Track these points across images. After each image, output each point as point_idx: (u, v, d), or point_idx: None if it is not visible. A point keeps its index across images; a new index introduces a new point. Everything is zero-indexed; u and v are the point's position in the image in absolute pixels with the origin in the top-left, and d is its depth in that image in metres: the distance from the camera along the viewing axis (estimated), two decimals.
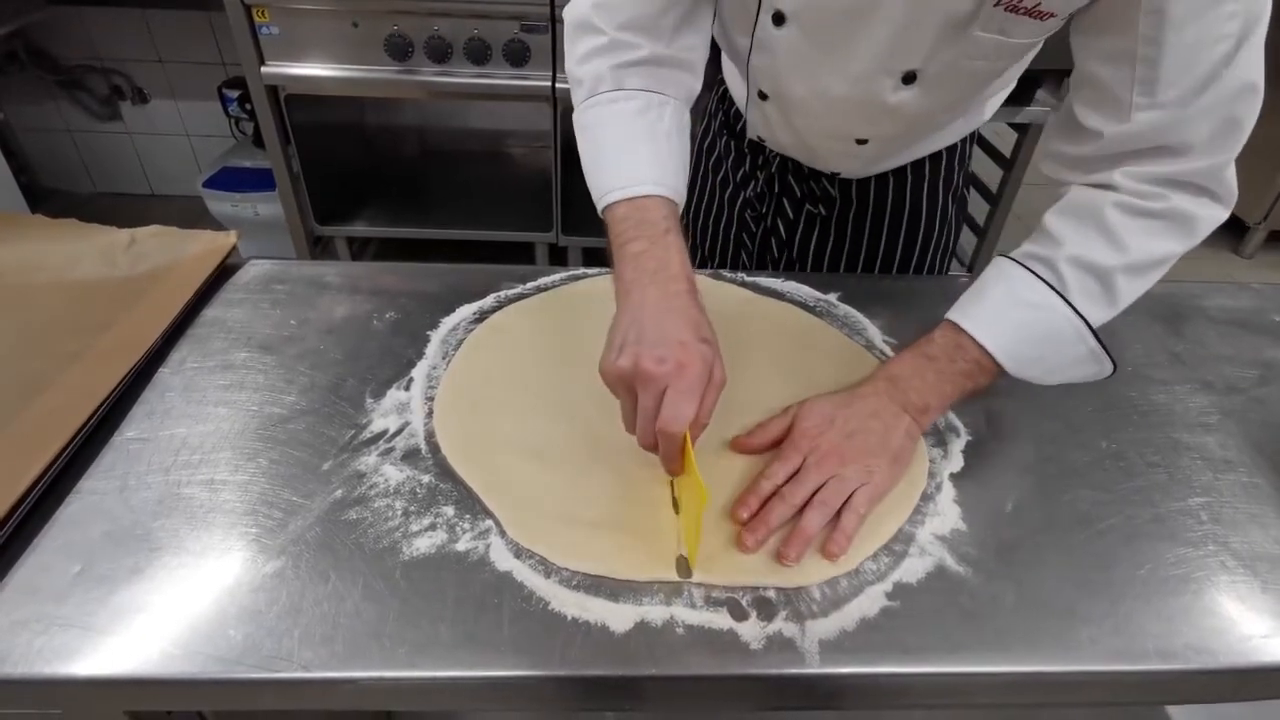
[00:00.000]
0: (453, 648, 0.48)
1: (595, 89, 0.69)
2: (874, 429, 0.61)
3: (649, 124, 0.69)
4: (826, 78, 0.72)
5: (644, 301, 0.59)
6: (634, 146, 0.68)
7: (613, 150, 0.68)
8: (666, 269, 0.60)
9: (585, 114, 0.70)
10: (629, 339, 0.56)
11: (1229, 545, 0.58)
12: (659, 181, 0.65)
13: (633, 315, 0.58)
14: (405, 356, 0.72)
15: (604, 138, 0.69)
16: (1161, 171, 0.61)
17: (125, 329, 0.70)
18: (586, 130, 0.70)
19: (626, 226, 0.63)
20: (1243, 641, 0.52)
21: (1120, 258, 0.61)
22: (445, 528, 0.56)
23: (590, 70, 0.69)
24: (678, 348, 0.55)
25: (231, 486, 0.58)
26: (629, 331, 0.57)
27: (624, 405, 0.58)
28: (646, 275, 0.60)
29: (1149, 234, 0.61)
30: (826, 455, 0.59)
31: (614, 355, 0.56)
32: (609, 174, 0.66)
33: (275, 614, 0.49)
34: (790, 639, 0.50)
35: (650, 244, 0.62)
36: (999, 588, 0.54)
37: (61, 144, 2.60)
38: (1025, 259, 0.64)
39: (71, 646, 0.47)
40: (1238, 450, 0.67)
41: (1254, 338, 0.82)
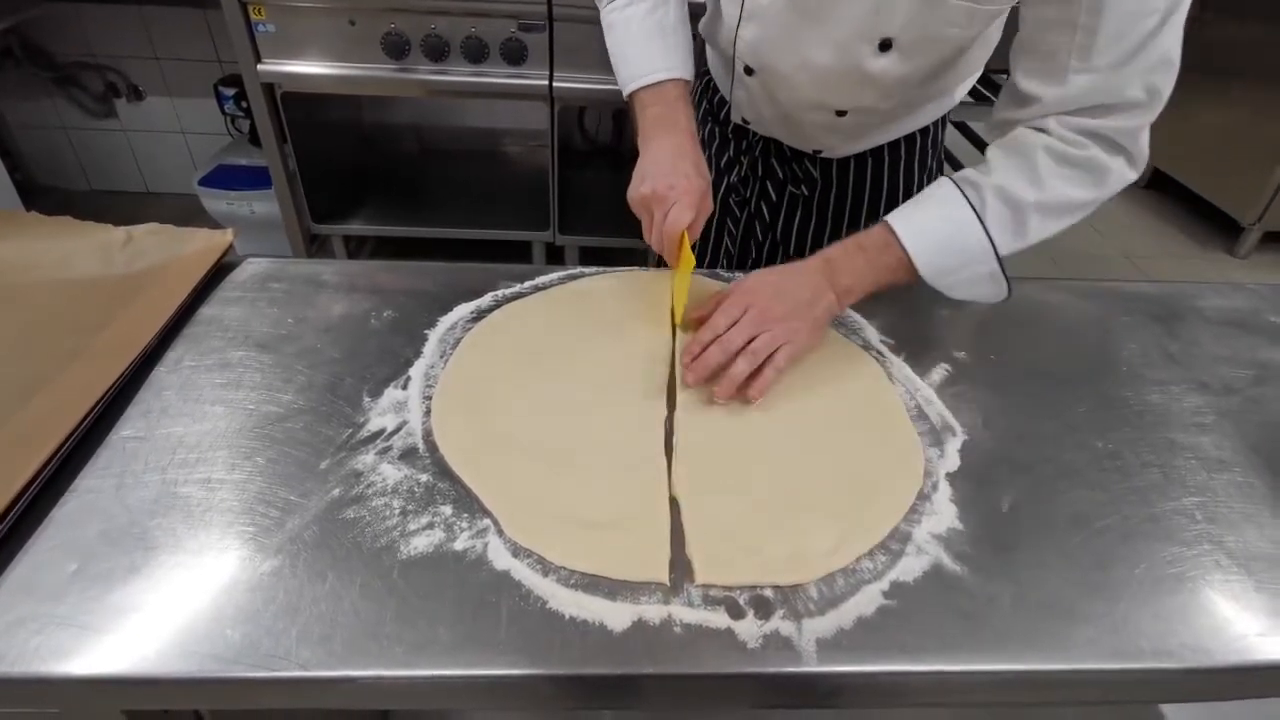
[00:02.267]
0: (450, 647, 0.48)
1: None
2: (803, 297, 0.71)
3: (658, 21, 0.83)
4: (810, 48, 0.79)
5: (660, 146, 0.79)
6: (649, 42, 0.83)
7: (633, 47, 0.84)
8: (675, 124, 0.80)
9: (608, 17, 0.86)
10: (648, 173, 0.77)
11: (1224, 545, 0.59)
12: (670, 68, 0.82)
13: (651, 156, 0.78)
14: (403, 355, 0.72)
15: (625, 37, 0.84)
16: (1088, 124, 0.68)
17: (122, 327, 0.70)
18: (612, 30, 0.85)
19: (647, 100, 0.82)
20: (1238, 640, 0.52)
21: (1037, 195, 0.69)
22: (443, 527, 0.56)
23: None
24: (682, 178, 0.75)
25: (228, 485, 0.58)
26: (648, 168, 0.77)
27: (644, 223, 0.78)
28: (661, 127, 0.80)
29: (1066, 180, 0.69)
30: (761, 312, 0.69)
31: (637, 184, 0.77)
32: (632, 66, 0.83)
33: (273, 613, 0.49)
34: (787, 638, 0.50)
35: (664, 108, 0.81)
36: (995, 587, 0.54)
37: (56, 141, 2.59)
38: (960, 181, 0.72)
39: (68, 645, 0.47)
40: (1232, 450, 0.67)
41: (1249, 338, 0.82)
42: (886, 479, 0.62)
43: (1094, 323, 0.84)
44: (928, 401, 0.71)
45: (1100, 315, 0.85)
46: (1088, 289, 0.90)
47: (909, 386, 0.73)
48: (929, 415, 0.69)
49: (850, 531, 0.57)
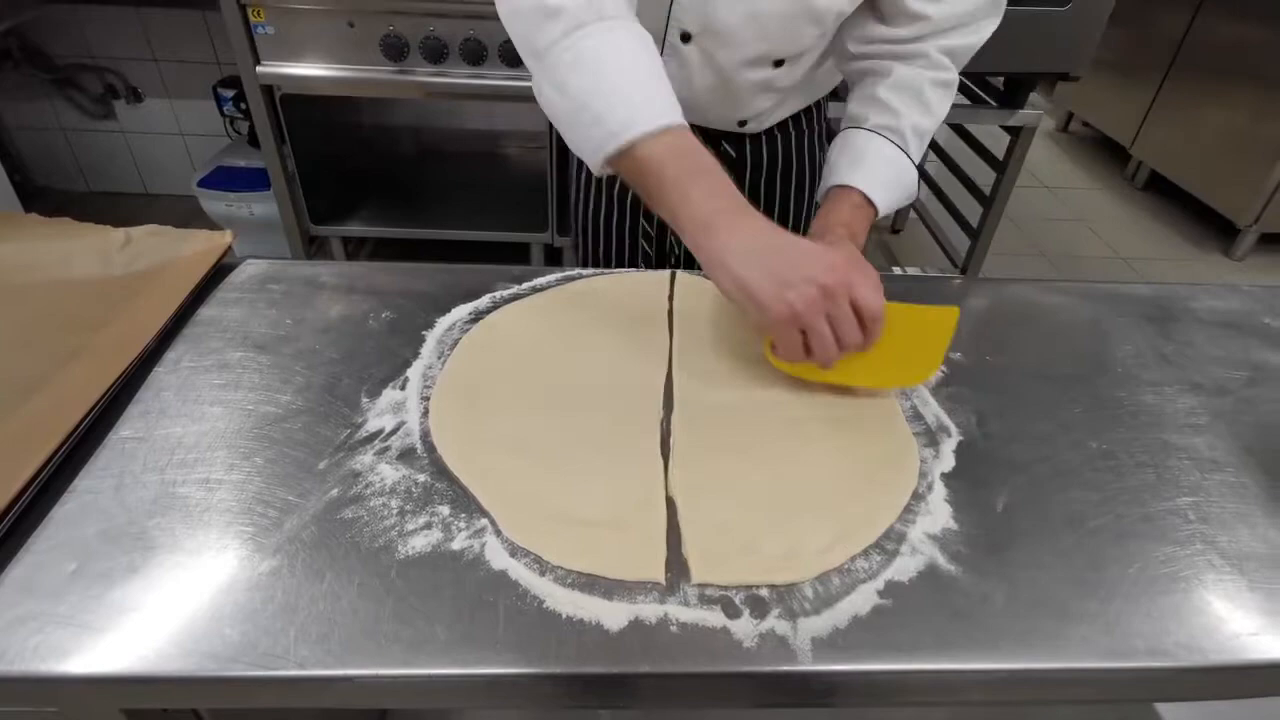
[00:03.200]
0: (448, 645, 0.49)
1: (581, 19, 0.64)
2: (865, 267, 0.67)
3: (649, 50, 0.66)
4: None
5: (756, 236, 0.61)
6: (647, 76, 0.65)
7: (627, 81, 0.64)
8: (741, 203, 0.63)
9: (581, 44, 0.64)
10: (778, 276, 0.59)
11: (1216, 544, 0.59)
12: (675, 108, 0.64)
13: (757, 257, 0.60)
14: (401, 356, 0.72)
15: (612, 68, 0.64)
16: (952, 44, 0.81)
17: (121, 328, 0.70)
18: (583, 64, 0.64)
19: (669, 159, 0.62)
20: (1231, 639, 0.52)
21: (933, 122, 0.84)
22: (440, 527, 0.56)
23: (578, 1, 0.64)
24: (827, 256, 0.61)
25: (227, 485, 0.58)
26: (768, 271, 0.59)
27: (786, 339, 0.62)
28: (734, 209, 0.62)
29: (945, 101, 0.84)
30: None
31: (781, 299, 0.59)
32: (627, 107, 0.63)
33: (271, 612, 0.50)
34: (783, 637, 0.50)
35: (711, 176, 0.63)
36: (990, 586, 0.54)
37: (55, 142, 2.59)
38: (883, 131, 0.82)
39: (67, 644, 0.47)
40: (1226, 451, 0.68)
41: (1243, 339, 0.83)
42: (882, 479, 0.63)
43: (1089, 324, 0.84)
44: (923, 402, 0.71)
45: (1095, 316, 0.85)
46: (1082, 290, 0.90)
47: (905, 388, 0.73)
48: (924, 416, 0.70)
49: (845, 531, 0.57)
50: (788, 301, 0.58)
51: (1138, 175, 3.28)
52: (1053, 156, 3.58)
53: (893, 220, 2.88)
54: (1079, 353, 0.80)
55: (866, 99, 0.85)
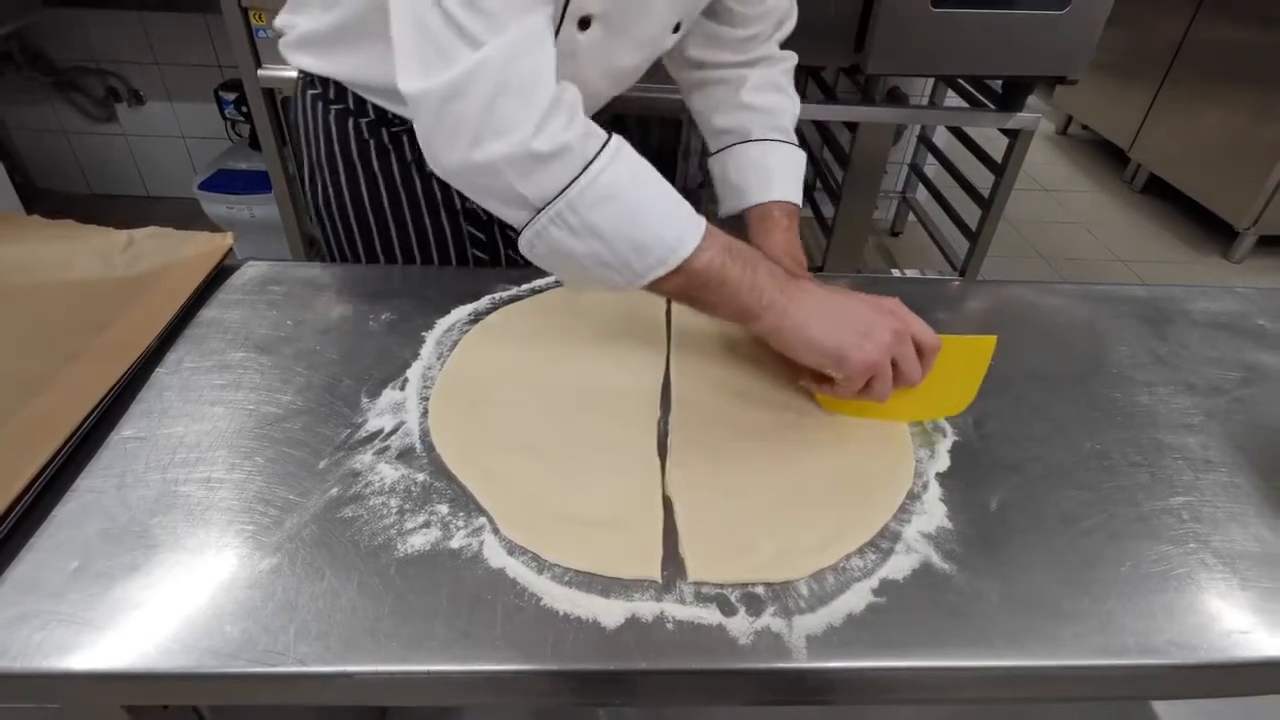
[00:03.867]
0: (446, 643, 0.49)
1: (587, 151, 0.59)
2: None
3: (640, 157, 0.63)
4: None
5: (821, 301, 0.64)
6: (666, 186, 0.63)
7: (658, 201, 0.61)
8: (791, 275, 0.65)
9: (601, 179, 0.58)
10: (854, 331, 0.62)
11: (1210, 544, 0.59)
12: (692, 209, 0.63)
13: (828, 318, 0.63)
14: (401, 357, 0.73)
15: (639, 193, 0.61)
16: (782, 36, 0.91)
17: (123, 329, 0.71)
18: (611, 199, 0.59)
19: (726, 261, 0.62)
20: (1224, 637, 0.53)
21: (797, 103, 0.93)
22: (439, 525, 0.57)
23: (573, 132, 0.58)
24: (884, 305, 0.65)
25: (228, 485, 0.59)
26: (843, 328, 0.63)
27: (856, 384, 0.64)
28: (792, 283, 0.64)
29: (792, 80, 0.93)
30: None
31: (862, 350, 0.62)
32: (671, 227, 0.61)
33: (271, 610, 0.50)
34: (778, 634, 0.51)
35: (761, 260, 0.64)
36: (984, 585, 0.55)
37: (57, 145, 2.60)
38: (775, 134, 0.89)
39: (70, 641, 0.48)
40: (1219, 451, 0.68)
41: (1237, 340, 0.83)
42: (877, 479, 0.63)
43: (1084, 325, 0.85)
44: None
45: (1090, 318, 0.86)
46: (1078, 292, 0.90)
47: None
48: None
49: (841, 530, 0.58)
50: (866, 352, 0.62)
51: (1136, 178, 3.28)
52: (1051, 159, 3.59)
53: (892, 223, 2.89)
54: (1074, 353, 0.81)
55: (736, 108, 0.89)
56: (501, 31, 0.55)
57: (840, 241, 2.28)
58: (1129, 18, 2.85)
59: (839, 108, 2.05)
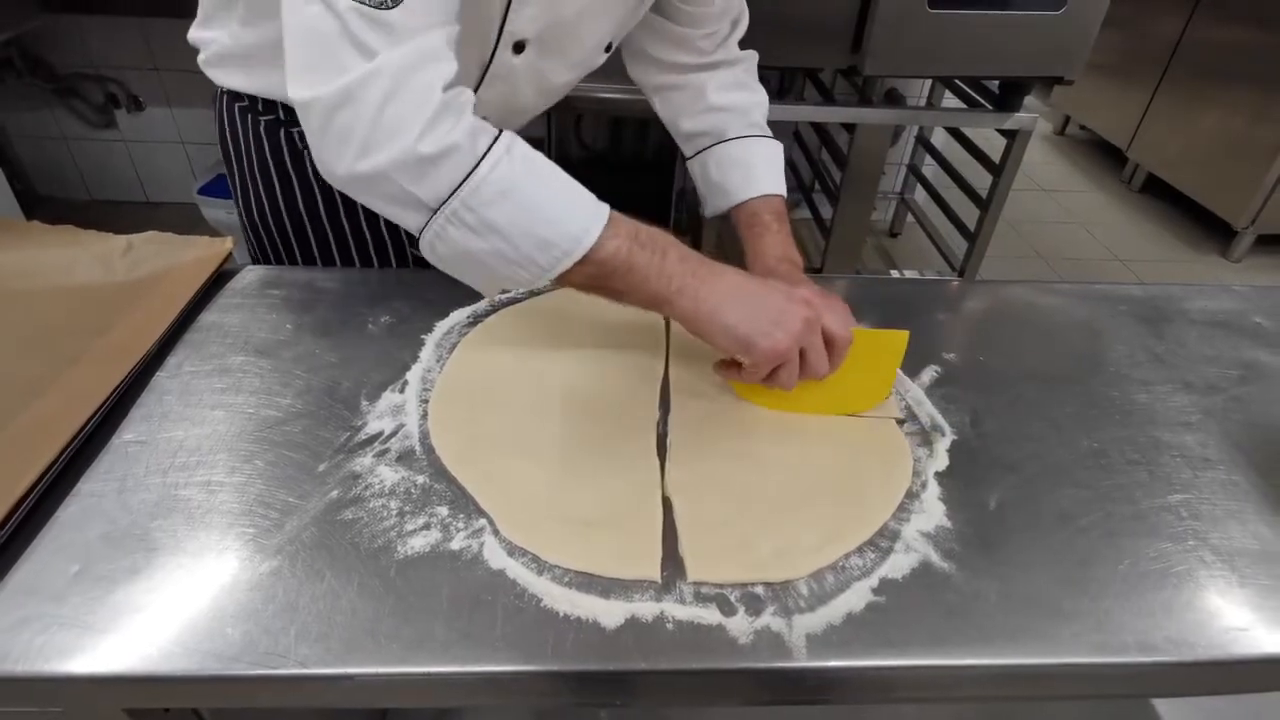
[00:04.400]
0: (447, 644, 0.49)
1: (478, 148, 0.58)
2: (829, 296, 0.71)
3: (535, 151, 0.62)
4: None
5: (735, 287, 0.64)
6: (565, 176, 0.62)
7: (558, 192, 0.61)
8: (703, 258, 0.65)
9: (494, 175, 0.58)
10: (766, 319, 0.63)
11: (1208, 541, 0.59)
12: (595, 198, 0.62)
13: (742, 305, 0.63)
14: (400, 360, 0.73)
15: (536, 185, 0.60)
16: (736, 37, 0.93)
17: (123, 333, 0.71)
18: (507, 194, 0.58)
19: (633, 248, 0.61)
20: (1222, 634, 0.53)
21: (765, 96, 0.95)
22: (439, 527, 0.57)
23: (460, 131, 0.57)
24: (798, 294, 0.65)
25: (228, 488, 0.59)
26: (756, 315, 0.63)
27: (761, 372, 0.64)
28: (705, 268, 0.64)
29: (755, 75, 0.96)
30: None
31: (771, 338, 0.62)
32: (573, 218, 0.60)
33: (272, 612, 0.50)
34: (778, 634, 0.51)
35: (672, 245, 0.64)
36: (983, 583, 0.55)
37: (57, 151, 2.61)
38: (750, 130, 0.91)
39: (71, 645, 0.48)
40: (1217, 449, 0.68)
41: (1235, 338, 0.83)
42: (876, 478, 0.63)
43: (1082, 324, 0.85)
44: (917, 403, 0.72)
45: (1088, 317, 0.86)
46: (1076, 291, 0.91)
47: (899, 388, 0.74)
48: (919, 416, 0.71)
49: (840, 529, 0.58)
50: (776, 340, 0.62)
51: (1134, 178, 3.29)
52: (1050, 159, 3.59)
53: (890, 224, 2.89)
54: (1072, 353, 0.81)
55: (704, 112, 0.91)
56: (398, 45, 0.56)
57: (838, 243, 2.29)
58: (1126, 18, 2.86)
59: (837, 109, 2.06)
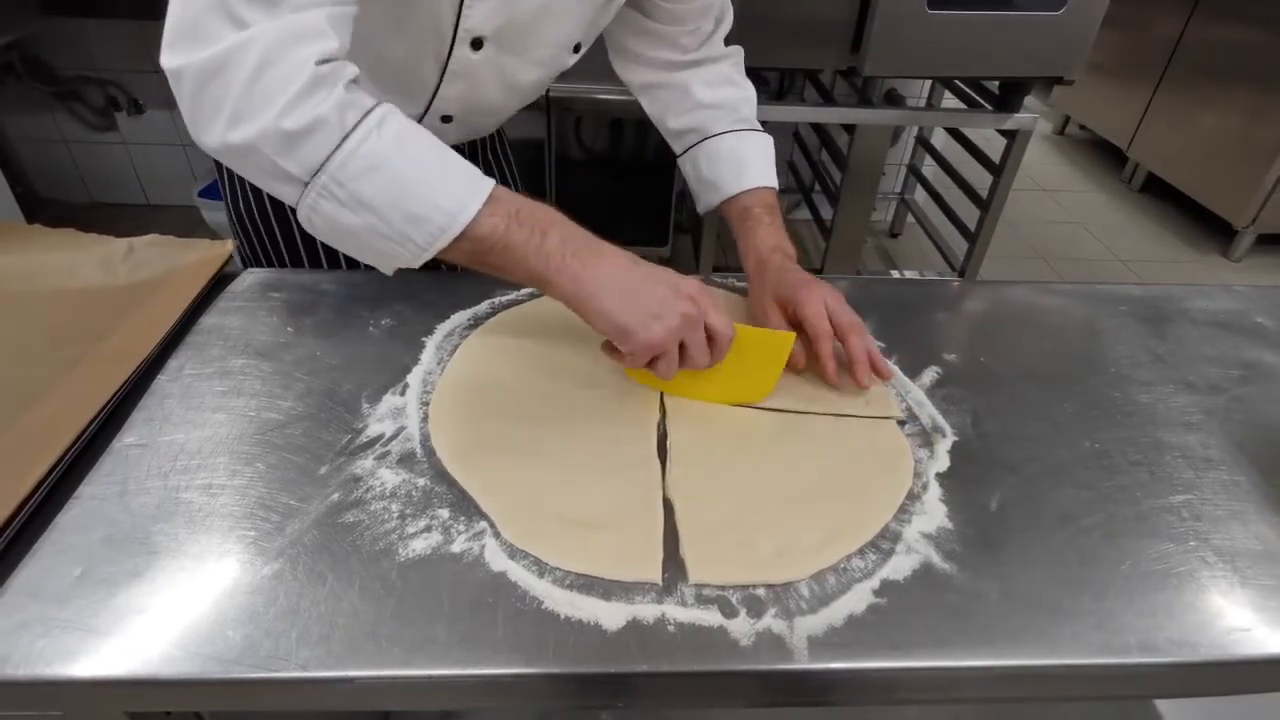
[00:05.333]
0: (448, 646, 0.49)
1: (346, 122, 0.57)
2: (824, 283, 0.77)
3: (416, 124, 0.62)
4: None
5: (618, 272, 0.63)
6: (442, 151, 0.61)
7: (432, 166, 0.60)
8: (589, 238, 0.65)
9: (363, 149, 0.57)
10: (646, 310, 0.62)
11: (1210, 541, 0.59)
12: (478, 171, 0.62)
13: (623, 292, 0.62)
14: (401, 362, 0.73)
15: (409, 160, 0.59)
16: (722, 32, 0.92)
17: (124, 336, 0.71)
18: (378, 169, 0.58)
19: (511, 225, 0.61)
20: (1224, 635, 0.53)
21: (752, 90, 0.95)
22: (440, 530, 0.57)
23: (329, 105, 0.57)
24: (683, 288, 0.64)
25: (229, 491, 0.59)
26: (636, 304, 0.62)
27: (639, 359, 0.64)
28: (590, 250, 0.63)
29: (743, 70, 0.95)
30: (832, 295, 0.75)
31: (649, 330, 0.61)
32: (447, 194, 0.59)
33: (273, 615, 0.50)
34: (779, 636, 0.51)
35: (556, 225, 0.63)
36: (984, 584, 0.55)
37: (57, 154, 2.61)
38: (741, 125, 0.92)
39: (72, 648, 0.48)
40: (1219, 449, 0.68)
41: (1236, 338, 0.83)
42: (877, 480, 0.63)
43: (1083, 325, 0.85)
44: (918, 404, 0.72)
45: (1089, 317, 0.86)
46: (1077, 291, 0.91)
47: (900, 389, 0.74)
48: (920, 417, 0.70)
49: (841, 531, 0.58)
50: (653, 332, 0.61)
51: (1135, 177, 3.29)
52: (1050, 159, 3.59)
53: (890, 224, 2.89)
54: (1073, 353, 0.81)
55: (691, 109, 0.92)
56: (274, 19, 0.56)
57: (839, 243, 2.29)
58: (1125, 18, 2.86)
59: (836, 110, 2.06)
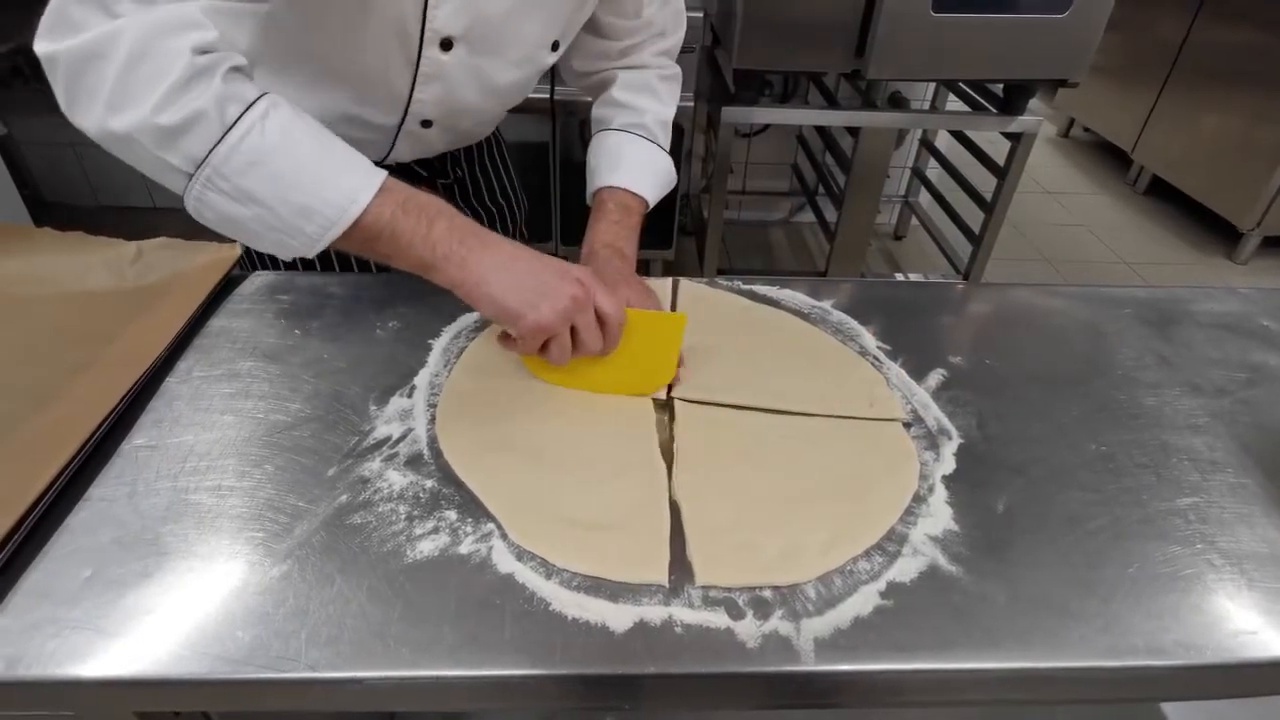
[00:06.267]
0: (455, 648, 0.49)
1: (227, 116, 0.58)
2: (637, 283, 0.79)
3: (306, 115, 0.62)
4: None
5: (504, 259, 0.65)
6: (330, 144, 0.62)
7: (320, 159, 0.61)
8: (478, 228, 0.66)
9: (246, 144, 0.58)
10: (533, 291, 0.63)
11: (1216, 544, 0.59)
12: (368, 162, 0.63)
13: (510, 276, 0.64)
14: (408, 364, 0.73)
15: (296, 154, 0.60)
16: (663, 47, 0.94)
17: (133, 339, 0.72)
18: (262, 163, 0.58)
19: (397, 215, 0.62)
20: (1231, 638, 0.53)
21: (669, 110, 0.95)
22: (448, 531, 0.57)
23: (207, 98, 0.57)
24: (571, 271, 0.65)
25: (238, 492, 0.59)
26: (522, 288, 0.64)
27: (530, 344, 0.65)
28: (477, 239, 0.65)
29: (674, 92, 0.96)
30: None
31: (537, 311, 0.63)
32: (336, 187, 0.60)
33: (282, 616, 0.51)
34: (786, 638, 0.51)
35: (443, 214, 0.64)
36: (991, 587, 0.55)
37: (65, 157, 2.62)
38: (630, 129, 0.91)
39: (83, 649, 0.48)
40: (1225, 452, 0.68)
41: (1241, 341, 0.83)
42: (883, 482, 0.63)
43: (1088, 327, 0.85)
44: (924, 406, 0.72)
45: (1094, 320, 0.86)
46: (1081, 294, 0.91)
47: (905, 391, 0.74)
48: (925, 420, 0.71)
49: (847, 533, 0.58)
50: (541, 313, 0.63)
51: (1139, 180, 3.28)
52: (1054, 162, 3.59)
53: (895, 227, 2.89)
54: (1078, 356, 0.81)
55: (606, 103, 0.94)
56: (147, 10, 0.56)
57: (843, 246, 2.29)
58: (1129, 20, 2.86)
59: (841, 113, 2.06)
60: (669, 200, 2.19)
